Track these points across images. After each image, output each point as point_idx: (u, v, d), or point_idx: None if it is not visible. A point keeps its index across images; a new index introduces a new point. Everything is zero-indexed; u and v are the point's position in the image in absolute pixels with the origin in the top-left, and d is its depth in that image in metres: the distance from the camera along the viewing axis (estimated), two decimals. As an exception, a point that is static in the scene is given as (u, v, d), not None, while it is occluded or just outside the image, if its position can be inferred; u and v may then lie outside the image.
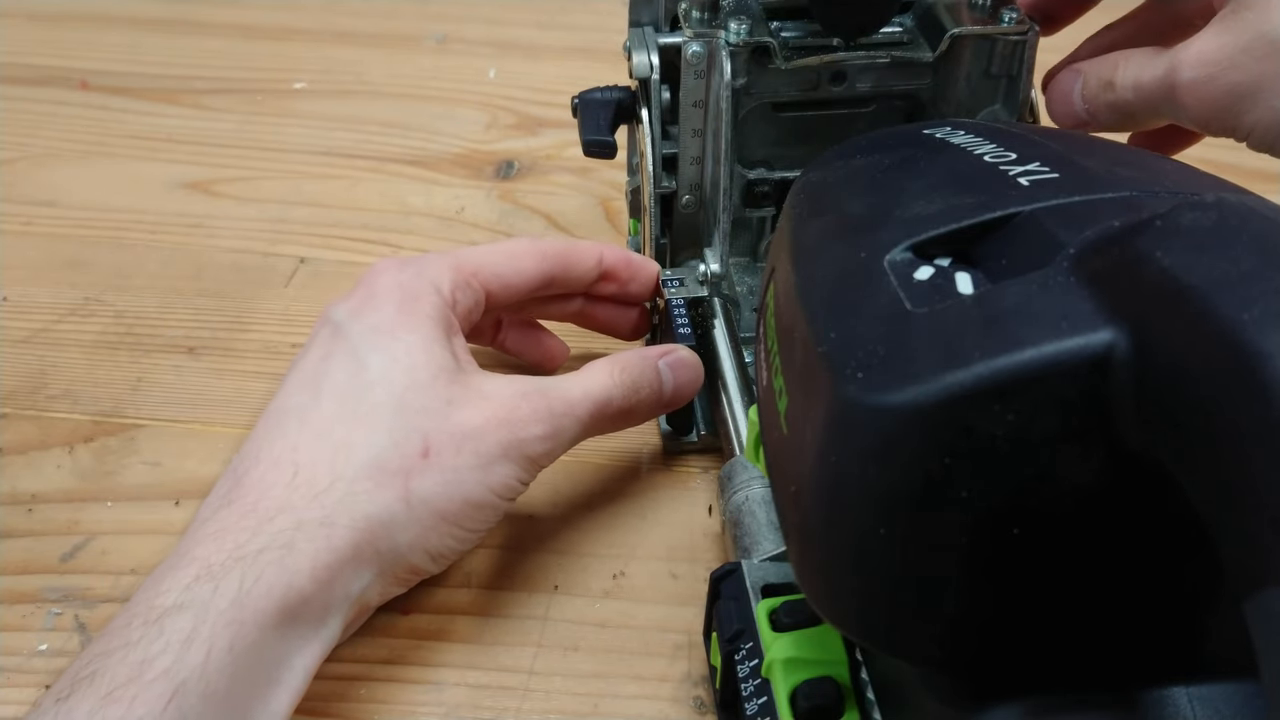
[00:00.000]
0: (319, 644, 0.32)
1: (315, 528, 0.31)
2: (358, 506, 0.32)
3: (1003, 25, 0.41)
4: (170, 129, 0.63)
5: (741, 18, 0.40)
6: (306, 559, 0.31)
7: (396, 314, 0.36)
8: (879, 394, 0.20)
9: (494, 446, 0.34)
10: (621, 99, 0.44)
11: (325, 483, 0.32)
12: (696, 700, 0.36)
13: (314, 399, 0.34)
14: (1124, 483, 0.20)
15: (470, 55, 0.70)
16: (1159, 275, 0.19)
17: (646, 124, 0.42)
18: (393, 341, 0.35)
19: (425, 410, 0.34)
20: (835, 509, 0.22)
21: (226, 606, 0.29)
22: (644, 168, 0.43)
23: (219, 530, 0.31)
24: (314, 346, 0.36)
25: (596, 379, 0.37)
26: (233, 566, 0.30)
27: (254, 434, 0.34)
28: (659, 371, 0.39)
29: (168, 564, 0.31)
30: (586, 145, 0.44)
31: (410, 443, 0.33)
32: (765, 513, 0.35)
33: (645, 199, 0.44)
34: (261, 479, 0.32)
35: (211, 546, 0.30)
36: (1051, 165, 0.25)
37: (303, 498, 0.32)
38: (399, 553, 0.33)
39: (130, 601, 0.30)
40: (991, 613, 0.22)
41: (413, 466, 0.33)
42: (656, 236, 0.44)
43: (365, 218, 0.57)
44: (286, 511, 0.31)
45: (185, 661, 0.28)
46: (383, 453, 0.33)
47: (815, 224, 0.27)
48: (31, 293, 0.52)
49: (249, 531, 0.31)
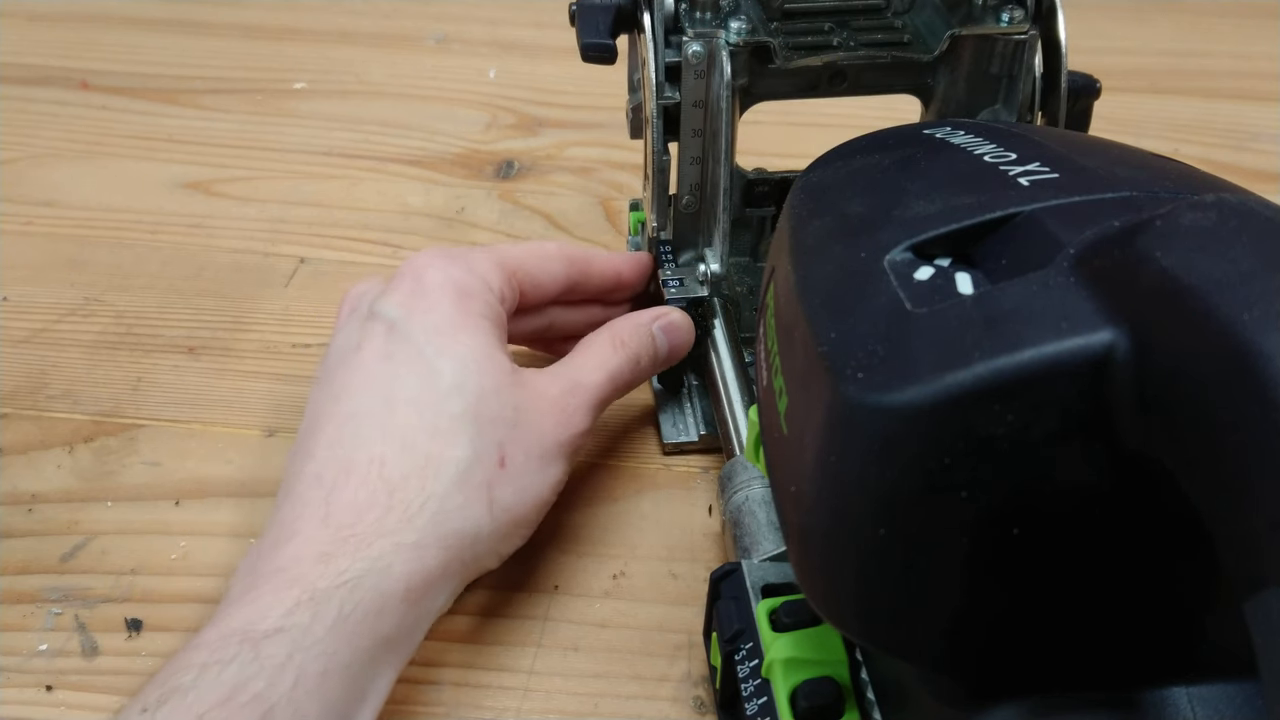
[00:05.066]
0: (403, 658, 0.32)
1: (410, 550, 0.32)
2: (449, 524, 0.33)
3: (1003, 25, 0.41)
4: (170, 129, 0.63)
5: (741, 18, 0.40)
6: (401, 582, 0.31)
7: (454, 313, 0.35)
8: (879, 394, 0.20)
9: (553, 446, 0.36)
10: (622, 3, 0.42)
11: (418, 503, 0.32)
12: (696, 700, 0.36)
13: (388, 406, 0.34)
14: (1124, 483, 0.20)
15: (470, 55, 0.70)
16: (1159, 275, 0.19)
17: (649, 29, 0.41)
18: (457, 345, 0.35)
19: (498, 420, 0.34)
20: (835, 509, 0.22)
21: (324, 634, 0.29)
22: (645, 77, 0.41)
23: (323, 553, 0.31)
24: (368, 342, 0.35)
25: (609, 360, 0.38)
26: (334, 593, 0.30)
27: (325, 434, 0.34)
28: (654, 338, 0.40)
29: (265, 575, 0.31)
30: (585, 49, 0.42)
31: (490, 455, 0.34)
32: (765, 513, 0.35)
33: (647, 112, 0.42)
34: (355, 498, 0.32)
35: (316, 570, 0.31)
36: (1051, 165, 0.25)
37: (398, 520, 0.32)
38: (479, 559, 0.34)
39: (225, 608, 0.30)
40: (991, 613, 0.22)
41: (493, 478, 0.34)
42: (659, 153, 0.42)
43: (365, 218, 0.57)
44: (384, 536, 0.32)
45: (276, 686, 0.28)
46: (468, 468, 0.33)
47: (815, 224, 0.27)
48: (31, 293, 0.52)
49: (349, 557, 0.31)
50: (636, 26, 0.42)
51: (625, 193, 0.59)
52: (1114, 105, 0.46)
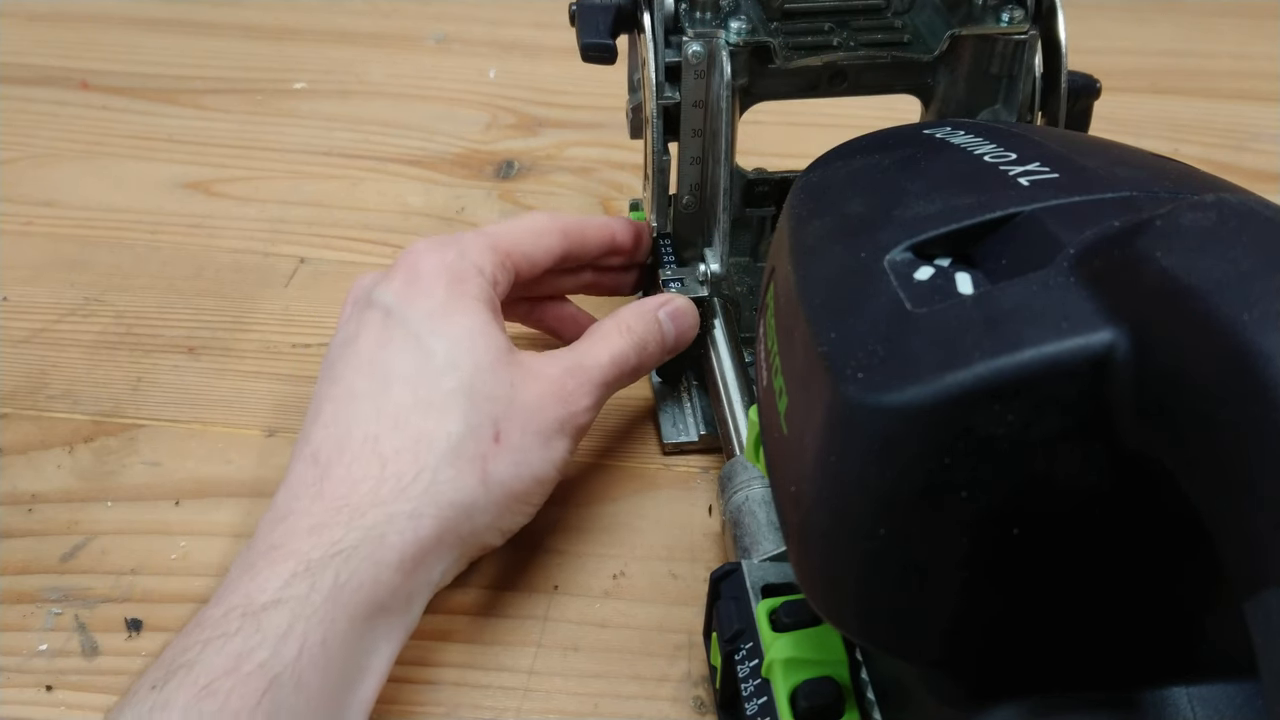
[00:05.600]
0: (403, 631, 0.33)
1: (404, 520, 0.32)
2: (442, 495, 0.33)
3: (1002, 25, 0.41)
4: (170, 129, 0.63)
5: (741, 17, 0.40)
6: (395, 551, 0.32)
7: (448, 297, 0.36)
8: (879, 394, 0.20)
9: (552, 423, 0.36)
10: (622, 3, 0.42)
11: (411, 474, 0.33)
12: (696, 700, 0.36)
13: (384, 387, 0.35)
14: (1124, 483, 0.20)
15: (470, 55, 0.70)
16: (1159, 275, 0.19)
17: (649, 30, 0.41)
18: (451, 326, 0.36)
19: (493, 396, 0.35)
20: (835, 509, 0.22)
21: (321, 602, 0.30)
22: (645, 77, 0.41)
23: (316, 525, 0.32)
24: (365, 330, 0.36)
25: (614, 344, 0.39)
26: (329, 563, 0.31)
27: (322, 418, 0.35)
28: (660, 324, 0.41)
29: (261, 553, 0.31)
30: (585, 49, 0.42)
31: (484, 428, 0.34)
32: (765, 513, 0.35)
33: (647, 112, 0.42)
34: (349, 473, 0.33)
35: (310, 542, 0.31)
36: (1051, 165, 0.25)
37: (391, 491, 0.33)
38: (477, 534, 0.34)
39: (225, 589, 0.31)
40: (991, 612, 0.22)
41: (488, 451, 0.34)
42: (659, 154, 0.43)
43: (365, 218, 0.57)
44: (378, 506, 0.32)
45: (280, 656, 0.29)
46: (461, 441, 0.34)
47: (815, 224, 0.27)
48: (31, 293, 0.52)
49: (343, 527, 0.32)
50: (636, 26, 0.42)
51: (625, 193, 0.59)
52: (1114, 105, 0.46)
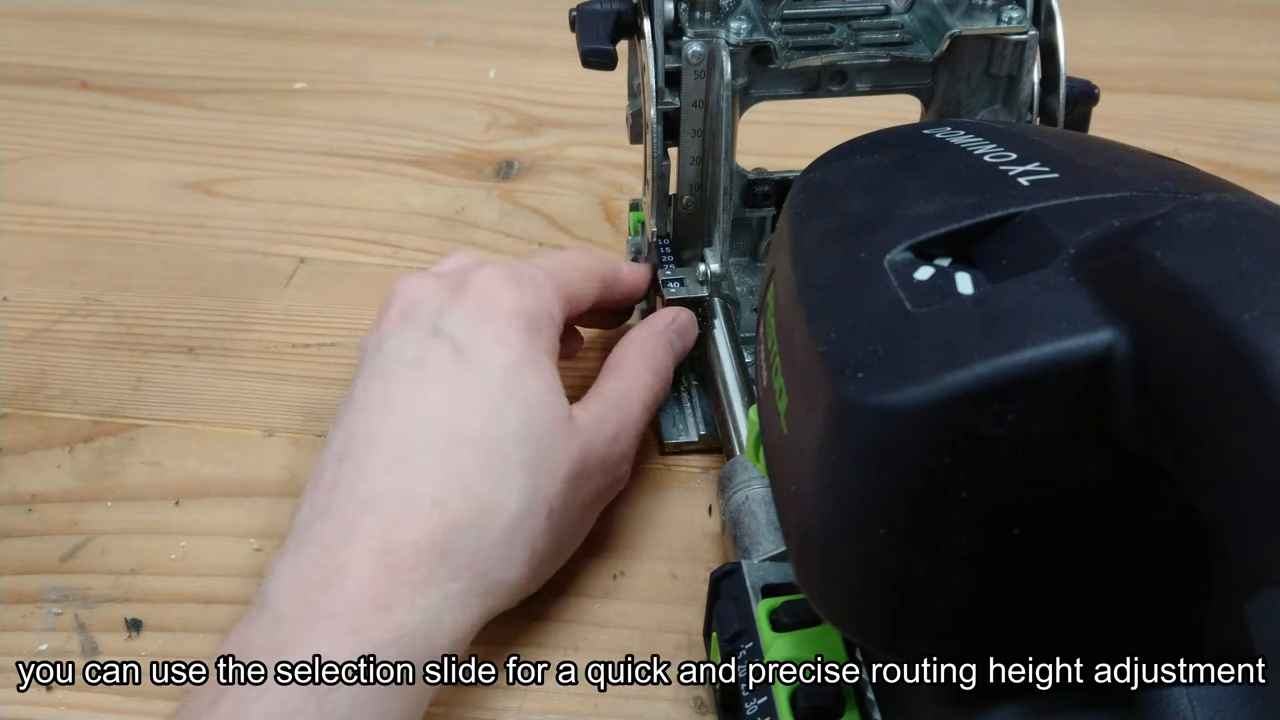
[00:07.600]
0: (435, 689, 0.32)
1: (458, 600, 0.32)
2: (493, 574, 0.33)
3: (1003, 25, 0.41)
4: (170, 129, 0.63)
5: (742, 18, 0.40)
6: (447, 635, 0.31)
7: (525, 350, 0.35)
8: (879, 394, 0.20)
9: (593, 495, 0.37)
10: (621, 9, 0.42)
11: (470, 552, 0.32)
12: (696, 700, 0.36)
13: (451, 444, 0.33)
14: (1124, 483, 0.20)
15: (470, 55, 0.70)
16: (1159, 275, 0.19)
17: (648, 36, 0.40)
18: (525, 389, 0.35)
19: (552, 475, 0.34)
20: (835, 509, 0.22)
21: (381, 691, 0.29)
22: (645, 82, 0.41)
23: (381, 603, 0.30)
24: (432, 361, 0.35)
25: (644, 381, 0.39)
26: (390, 646, 0.30)
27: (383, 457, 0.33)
28: (671, 344, 0.41)
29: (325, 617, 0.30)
30: (585, 55, 0.42)
31: (539, 508, 0.34)
32: (765, 513, 0.35)
33: (647, 117, 0.42)
34: (414, 539, 0.31)
35: (374, 620, 0.30)
36: (1051, 165, 0.25)
37: (452, 569, 0.32)
38: (512, 600, 0.35)
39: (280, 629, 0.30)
40: (992, 612, 0.22)
41: (539, 531, 0.34)
42: (659, 158, 0.42)
43: (365, 218, 0.57)
44: (437, 585, 0.31)
45: None
46: (518, 520, 0.33)
47: (815, 224, 0.27)
48: (31, 293, 0.52)
49: (405, 607, 0.31)
50: (636, 32, 0.42)
51: (625, 193, 0.59)
52: (1114, 105, 0.46)
